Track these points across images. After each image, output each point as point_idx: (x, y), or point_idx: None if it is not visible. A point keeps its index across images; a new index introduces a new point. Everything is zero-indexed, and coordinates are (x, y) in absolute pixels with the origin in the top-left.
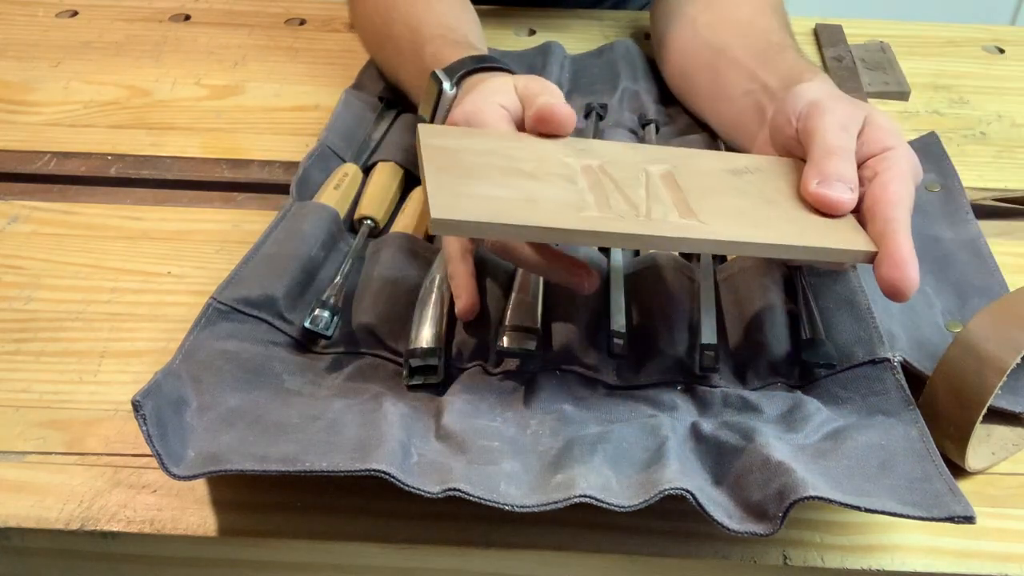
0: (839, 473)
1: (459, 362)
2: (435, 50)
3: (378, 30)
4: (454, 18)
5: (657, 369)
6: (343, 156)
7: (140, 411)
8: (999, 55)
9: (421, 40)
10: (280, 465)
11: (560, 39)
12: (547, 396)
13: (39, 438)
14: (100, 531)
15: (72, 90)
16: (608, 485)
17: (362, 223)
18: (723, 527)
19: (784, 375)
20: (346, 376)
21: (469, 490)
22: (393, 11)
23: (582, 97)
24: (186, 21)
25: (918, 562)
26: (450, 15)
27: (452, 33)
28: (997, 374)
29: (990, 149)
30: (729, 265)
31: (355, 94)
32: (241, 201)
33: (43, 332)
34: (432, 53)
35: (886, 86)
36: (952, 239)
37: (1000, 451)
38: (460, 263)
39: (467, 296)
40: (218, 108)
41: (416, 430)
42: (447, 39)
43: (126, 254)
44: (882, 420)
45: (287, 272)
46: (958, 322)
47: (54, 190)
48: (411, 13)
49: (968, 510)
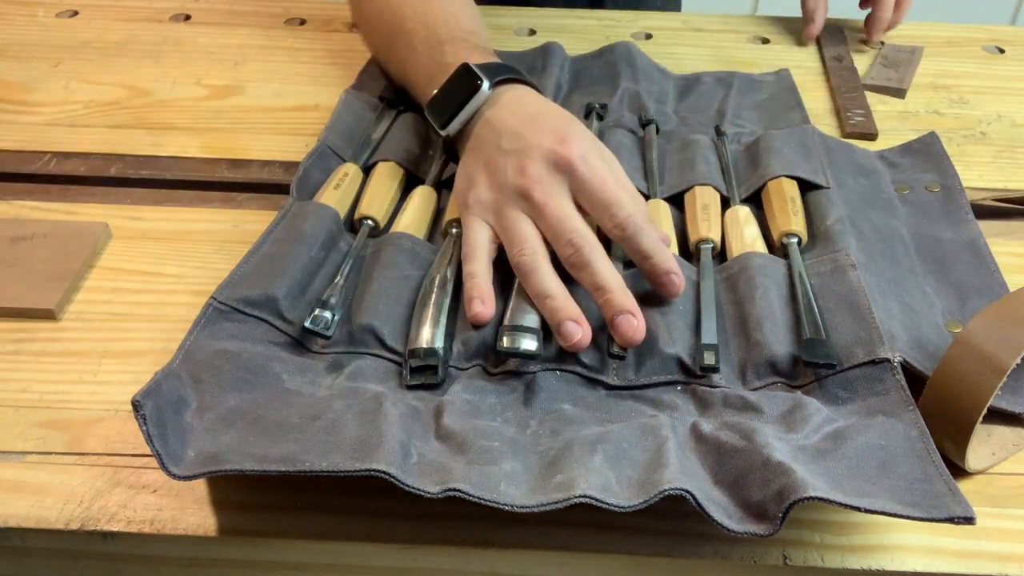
0: (839, 473)
1: (459, 362)
2: (456, 49)
3: (388, 25)
4: (469, 20)
5: (657, 369)
6: (343, 156)
7: (140, 411)
8: (999, 55)
9: (439, 38)
10: (280, 465)
11: (560, 39)
12: (547, 396)
13: (39, 438)
14: (100, 531)
15: (72, 90)
16: (608, 485)
17: (362, 223)
18: (723, 527)
19: (784, 375)
20: (346, 376)
21: (469, 490)
22: (405, 7)
23: (582, 97)
24: (186, 21)
25: (918, 562)
26: (464, 15)
27: (473, 36)
28: (997, 374)
29: (990, 149)
30: (729, 265)
31: (355, 94)
32: (241, 201)
33: (43, 332)
34: (454, 52)
35: (887, 81)
36: (952, 239)
37: (1000, 451)
38: (484, 263)
39: (488, 302)
40: (218, 108)
41: (416, 430)
42: (468, 42)
43: (126, 254)
44: (882, 420)
45: (287, 272)
46: (958, 322)
47: (54, 190)
48: (426, 12)
49: (968, 511)
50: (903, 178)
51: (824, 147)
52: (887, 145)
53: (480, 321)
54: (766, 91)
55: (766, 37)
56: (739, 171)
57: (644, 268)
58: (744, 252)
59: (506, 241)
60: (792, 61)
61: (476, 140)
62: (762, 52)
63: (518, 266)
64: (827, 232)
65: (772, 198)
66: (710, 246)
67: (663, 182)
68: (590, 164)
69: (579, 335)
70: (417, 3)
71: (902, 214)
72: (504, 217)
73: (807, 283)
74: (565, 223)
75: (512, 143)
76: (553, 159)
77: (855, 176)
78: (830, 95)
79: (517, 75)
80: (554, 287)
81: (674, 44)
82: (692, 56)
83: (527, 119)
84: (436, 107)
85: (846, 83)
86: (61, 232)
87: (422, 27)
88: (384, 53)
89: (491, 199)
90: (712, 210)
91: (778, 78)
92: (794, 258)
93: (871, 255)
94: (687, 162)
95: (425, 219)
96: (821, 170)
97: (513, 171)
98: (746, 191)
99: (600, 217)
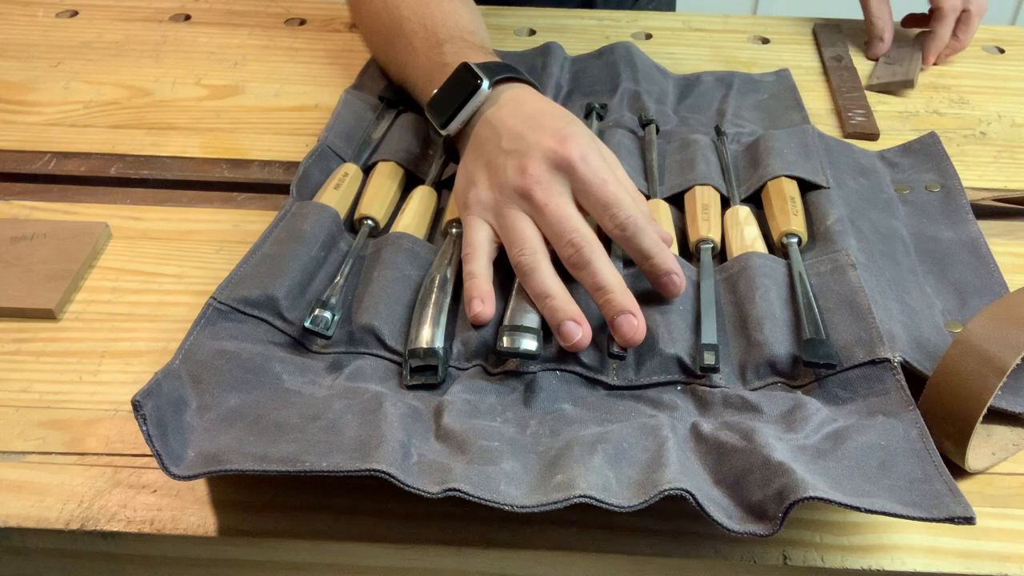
0: (839, 473)
1: (459, 362)
2: (456, 49)
3: (386, 26)
4: (468, 19)
5: (657, 369)
6: (343, 156)
7: (140, 411)
8: (999, 55)
9: (438, 38)
10: (280, 465)
11: (560, 39)
12: (547, 396)
13: (39, 438)
14: (100, 531)
15: (72, 90)
16: (608, 485)
17: (362, 223)
18: (723, 527)
19: (784, 375)
20: (346, 376)
21: (469, 490)
22: (403, 7)
23: (582, 97)
24: (186, 21)
25: (918, 562)
26: (462, 15)
27: (472, 36)
28: (997, 374)
29: (990, 149)
30: (729, 265)
31: (355, 94)
32: (241, 201)
33: (43, 332)
34: (453, 52)
35: (894, 76)
36: (952, 239)
37: (1000, 451)
38: (484, 263)
39: (488, 301)
40: (218, 108)
41: (416, 430)
42: (467, 41)
43: (126, 254)
44: (882, 420)
45: (287, 272)
46: (958, 322)
47: (54, 190)
48: (424, 12)
49: (968, 511)
50: (903, 178)
51: (824, 147)
52: (887, 145)
53: (480, 321)
54: (766, 91)
55: (766, 37)
56: (739, 171)
57: (644, 268)
58: (744, 252)
59: (506, 241)
60: (792, 61)
61: (476, 140)
62: (762, 52)
63: (518, 266)
64: (827, 232)
65: (772, 198)
66: (710, 246)
67: (663, 182)
68: (591, 164)
69: (579, 335)
70: (415, 4)
71: (902, 214)
72: (504, 217)
73: (807, 283)
74: (565, 223)
75: (512, 143)
76: (554, 159)
77: (855, 176)
78: (830, 95)
79: (517, 74)
80: (554, 287)
81: (674, 44)
82: (692, 56)
83: (527, 118)
84: (436, 106)
85: (846, 83)
86: (61, 232)
87: (420, 27)
88: (383, 54)
89: (491, 199)
90: (712, 210)
91: (778, 78)
92: (794, 258)
93: (871, 255)
94: (687, 162)
95: (425, 219)
96: (821, 170)
97: (513, 171)
98: (746, 191)
99: (600, 217)
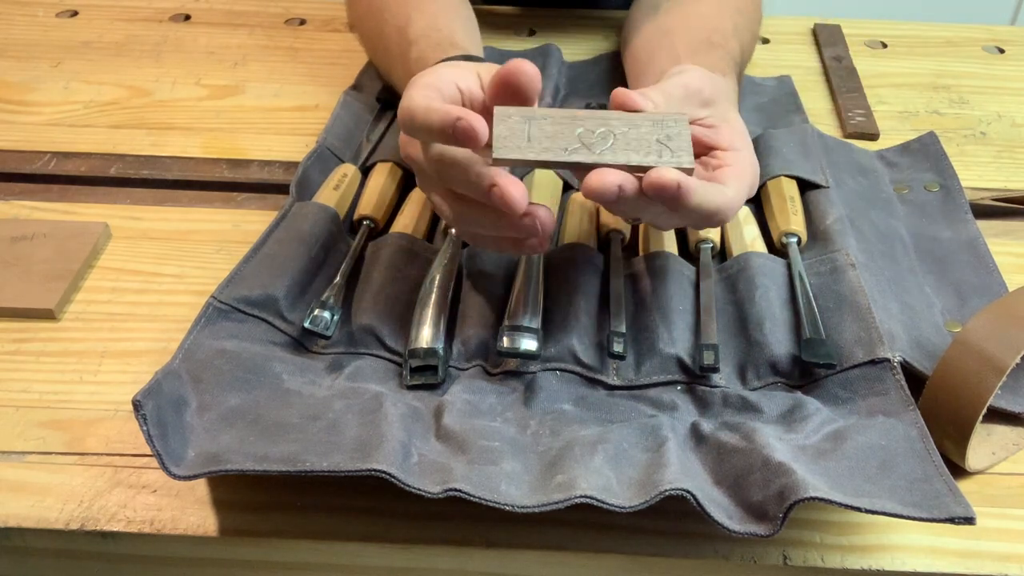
0: (839, 473)
1: (459, 362)
2: (419, 53)
3: (371, 32)
4: (443, 18)
5: (657, 369)
6: (342, 157)
7: (140, 411)
8: (999, 55)
9: (408, 42)
10: (280, 465)
11: (560, 39)
12: (547, 396)
13: (39, 438)
14: (100, 531)
15: (72, 90)
16: (608, 485)
17: (362, 223)
18: (723, 527)
19: (784, 375)
20: (346, 376)
21: (469, 490)
22: (385, 12)
23: (580, 100)
24: (186, 21)
25: (918, 562)
26: (440, 16)
27: (437, 34)
28: (997, 374)
29: (990, 149)
30: (729, 265)
31: (354, 95)
32: (241, 201)
33: (43, 332)
34: (416, 57)
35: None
36: (952, 239)
37: (1000, 451)
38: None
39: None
40: (218, 108)
41: (416, 430)
42: (431, 40)
43: (126, 254)
44: (882, 420)
45: (287, 272)
46: (958, 322)
47: (54, 190)
48: (401, 14)
49: (968, 511)
50: (902, 178)
51: (823, 146)
52: (887, 145)
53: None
54: (767, 94)
55: (766, 37)
56: None
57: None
58: (744, 252)
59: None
60: (792, 61)
61: None
62: (762, 52)
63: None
64: (827, 232)
65: (772, 198)
66: (710, 246)
67: None
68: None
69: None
70: (395, 6)
71: (901, 214)
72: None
73: (807, 283)
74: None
75: None
76: None
77: (854, 176)
78: (830, 95)
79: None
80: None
81: None
82: None
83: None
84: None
85: (846, 83)
86: (61, 232)
87: (395, 30)
88: (372, 57)
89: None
90: None
91: (779, 83)
92: (794, 258)
93: (871, 255)
94: None
95: (424, 219)
96: (820, 170)
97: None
98: None
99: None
